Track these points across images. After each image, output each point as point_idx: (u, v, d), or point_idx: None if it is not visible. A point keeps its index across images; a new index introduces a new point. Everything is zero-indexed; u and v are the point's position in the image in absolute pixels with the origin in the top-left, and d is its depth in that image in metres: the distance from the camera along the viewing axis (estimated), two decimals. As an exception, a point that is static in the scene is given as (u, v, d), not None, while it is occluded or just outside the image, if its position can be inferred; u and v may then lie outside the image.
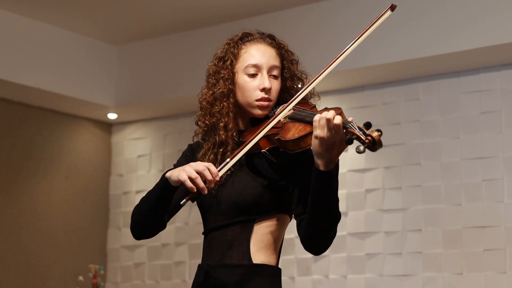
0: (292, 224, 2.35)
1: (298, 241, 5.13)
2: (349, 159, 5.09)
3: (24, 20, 5.30)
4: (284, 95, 2.31)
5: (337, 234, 2.16)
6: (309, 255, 5.11)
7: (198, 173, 2.06)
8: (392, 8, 2.22)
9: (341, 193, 4.93)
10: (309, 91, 2.27)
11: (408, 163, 4.93)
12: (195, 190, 2.06)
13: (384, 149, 5.00)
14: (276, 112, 2.22)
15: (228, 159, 2.13)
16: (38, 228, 5.73)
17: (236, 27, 2.46)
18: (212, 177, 2.06)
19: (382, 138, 1.93)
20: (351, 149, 5.07)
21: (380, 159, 5.02)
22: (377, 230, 4.98)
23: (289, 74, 2.32)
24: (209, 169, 2.06)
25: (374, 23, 2.20)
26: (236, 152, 2.16)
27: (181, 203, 2.09)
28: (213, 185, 2.08)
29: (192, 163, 2.10)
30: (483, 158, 4.70)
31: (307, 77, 2.34)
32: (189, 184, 2.05)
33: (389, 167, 5.00)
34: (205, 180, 2.07)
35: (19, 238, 5.62)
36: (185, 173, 2.07)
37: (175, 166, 2.37)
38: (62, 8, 5.20)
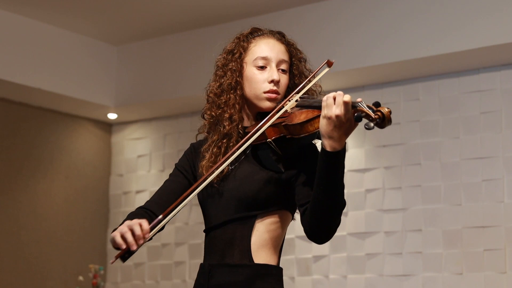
0: (292, 223, 2.34)
1: (298, 241, 5.12)
2: (349, 159, 5.07)
3: (24, 20, 5.30)
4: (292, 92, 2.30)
5: (337, 234, 2.15)
6: (309, 255, 5.11)
7: (129, 228, 2.02)
8: (329, 64, 2.20)
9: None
10: (314, 89, 2.28)
11: (408, 163, 4.93)
12: (124, 246, 2.01)
13: (384, 149, 5.00)
14: (282, 102, 2.20)
15: (160, 216, 2.09)
16: (38, 228, 5.73)
17: (236, 27, 2.47)
18: (142, 233, 2.01)
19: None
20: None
21: (380, 159, 5.02)
22: (377, 230, 4.97)
23: (297, 71, 2.32)
24: (140, 225, 2.02)
25: (311, 77, 2.21)
26: (214, 167, 2.15)
27: (111, 262, 2.07)
28: (142, 241, 2.02)
29: (127, 221, 2.05)
30: (483, 158, 4.70)
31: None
32: (118, 240, 2.01)
33: (389, 167, 5.00)
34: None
35: (19, 238, 5.61)
36: (118, 230, 2.04)
37: (177, 166, 2.37)
38: (62, 8, 5.20)
